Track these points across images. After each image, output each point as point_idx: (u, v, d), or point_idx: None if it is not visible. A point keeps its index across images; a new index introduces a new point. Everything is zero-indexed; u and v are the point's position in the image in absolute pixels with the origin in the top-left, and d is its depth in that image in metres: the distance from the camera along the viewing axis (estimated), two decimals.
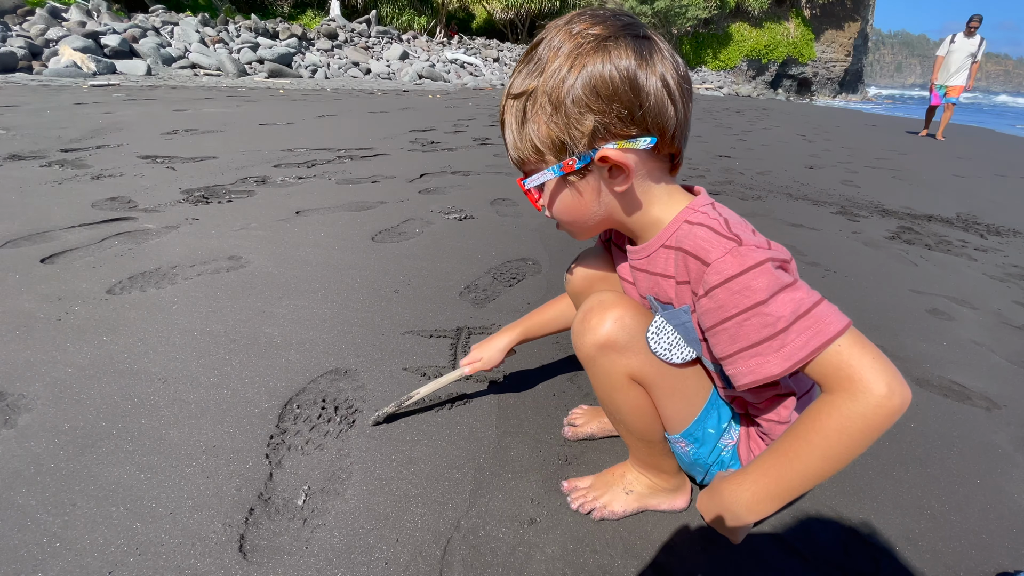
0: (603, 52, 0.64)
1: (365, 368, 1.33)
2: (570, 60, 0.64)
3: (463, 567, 0.84)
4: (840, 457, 0.64)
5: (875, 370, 0.61)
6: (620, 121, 0.65)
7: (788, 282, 0.64)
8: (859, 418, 0.61)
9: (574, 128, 0.66)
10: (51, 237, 1.97)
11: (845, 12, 32.99)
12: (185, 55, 10.56)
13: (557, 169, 0.70)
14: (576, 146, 0.67)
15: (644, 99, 0.65)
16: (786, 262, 0.68)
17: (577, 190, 0.72)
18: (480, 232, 2.38)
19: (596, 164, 0.69)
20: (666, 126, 0.67)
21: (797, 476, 0.67)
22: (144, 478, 0.95)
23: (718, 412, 0.86)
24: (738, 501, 0.72)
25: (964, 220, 3.38)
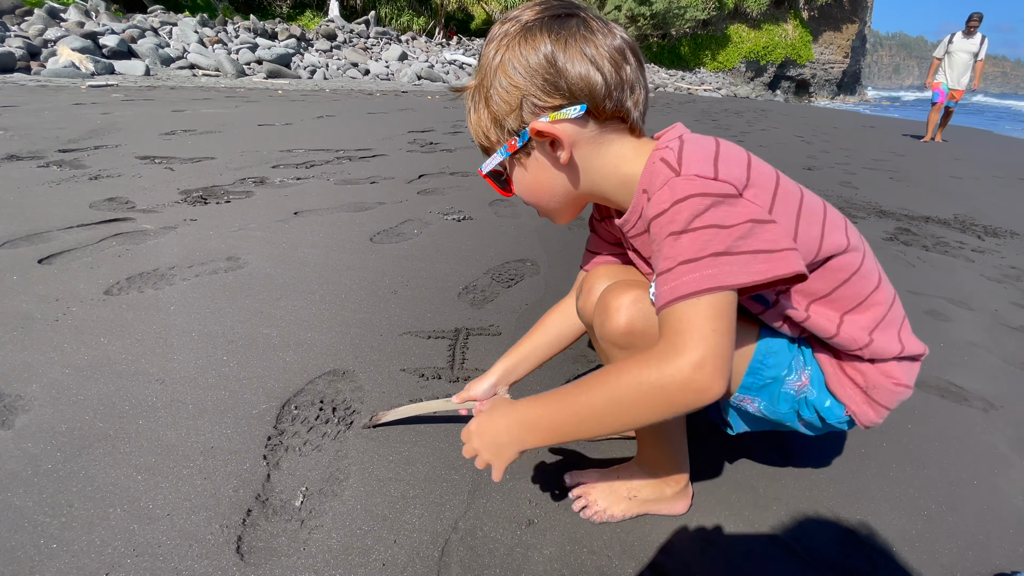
0: (523, 35, 0.70)
1: (363, 369, 1.33)
2: (497, 46, 0.72)
3: (461, 568, 0.84)
4: (624, 410, 0.62)
5: (704, 343, 0.58)
6: (544, 93, 0.70)
7: (709, 222, 0.62)
8: (659, 381, 0.59)
9: (504, 105, 0.72)
10: (49, 238, 1.97)
11: (843, 14, 33.07)
12: (184, 55, 10.55)
13: (503, 150, 0.76)
14: (507, 122, 0.73)
15: (563, 69, 0.69)
16: (730, 196, 0.64)
17: (525, 168, 0.77)
18: (479, 233, 2.38)
19: (535, 139, 0.73)
20: (595, 91, 0.70)
21: (576, 413, 0.65)
22: (141, 479, 0.95)
23: (775, 355, 0.80)
24: (505, 419, 0.70)
25: (962, 221, 3.39)
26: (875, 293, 0.78)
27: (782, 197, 0.71)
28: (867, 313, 0.78)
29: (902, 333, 0.81)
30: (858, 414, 0.82)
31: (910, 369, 0.81)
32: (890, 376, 0.79)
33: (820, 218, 0.74)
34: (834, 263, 0.75)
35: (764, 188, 0.70)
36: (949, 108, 8.06)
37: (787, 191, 0.72)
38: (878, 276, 0.79)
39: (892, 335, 0.80)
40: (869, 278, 0.78)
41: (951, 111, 8.18)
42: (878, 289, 0.78)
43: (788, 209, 0.71)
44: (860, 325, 0.78)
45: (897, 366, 0.80)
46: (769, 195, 0.70)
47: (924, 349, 0.83)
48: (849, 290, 0.76)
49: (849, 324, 0.77)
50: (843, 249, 0.75)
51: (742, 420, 0.90)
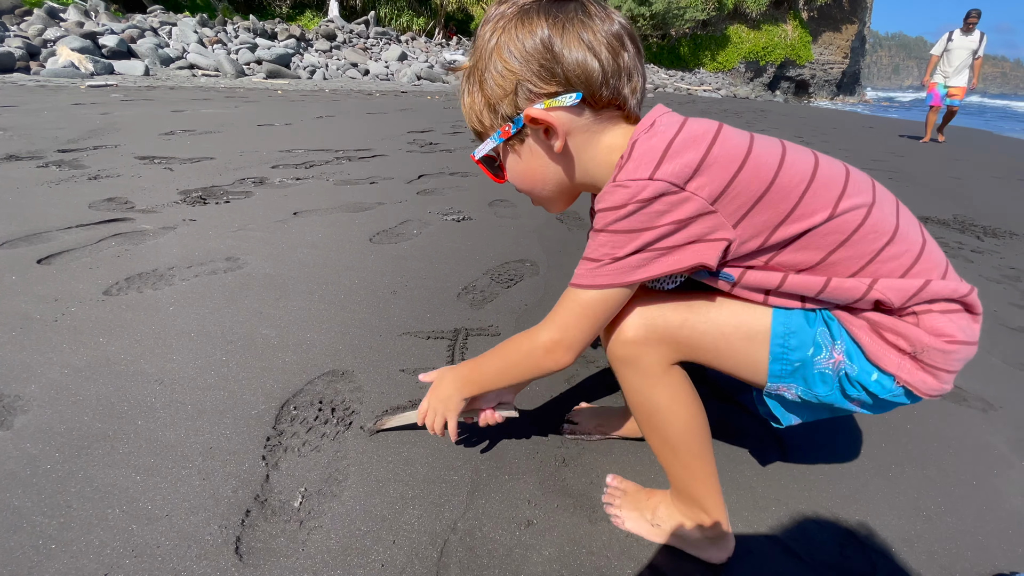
0: (519, 19, 0.69)
1: (362, 370, 1.33)
2: (492, 29, 0.71)
3: (460, 569, 0.84)
4: (513, 367, 0.84)
5: (559, 325, 0.76)
6: (539, 79, 0.69)
7: (626, 228, 0.68)
8: (529, 349, 0.80)
9: (499, 89, 0.72)
10: (48, 238, 1.97)
11: (842, 14, 33.10)
12: (183, 56, 10.55)
13: (497, 136, 0.75)
14: (502, 107, 0.72)
15: (560, 56, 0.68)
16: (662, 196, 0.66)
17: (518, 155, 0.77)
18: (478, 233, 2.38)
19: (529, 126, 0.73)
20: (591, 78, 0.69)
21: (490, 368, 0.87)
22: (140, 480, 0.95)
23: (795, 334, 0.75)
24: (449, 375, 0.92)
25: (961, 222, 3.39)
26: (889, 247, 0.71)
27: (745, 179, 0.68)
28: (879, 269, 0.71)
29: (930, 276, 0.72)
30: (915, 384, 0.72)
31: (962, 322, 0.71)
32: (939, 333, 0.70)
33: (798, 191, 0.69)
34: (818, 232, 0.70)
35: (719, 173, 0.67)
36: (952, 107, 7.71)
37: (756, 169, 0.68)
38: (892, 229, 0.72)
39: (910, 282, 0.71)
40: (877, 233, 0.71)
41: (955, 110, 7.80)
42: (892, 242, 0.71)
43: (748, 190, 0.68)
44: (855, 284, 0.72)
45: (945, 320, 0.71)
46: (724, 180, 0.67)
47: (967, 289, 0.72)
48: (846, 252, 0.71)
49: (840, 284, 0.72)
50: (826, 218, 0.69)
51: (789, 411, 0.83)
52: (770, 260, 0.73)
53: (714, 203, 0.68)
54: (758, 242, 0.71)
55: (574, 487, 1.02)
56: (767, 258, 0.73)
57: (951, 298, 0.71)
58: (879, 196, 0.74)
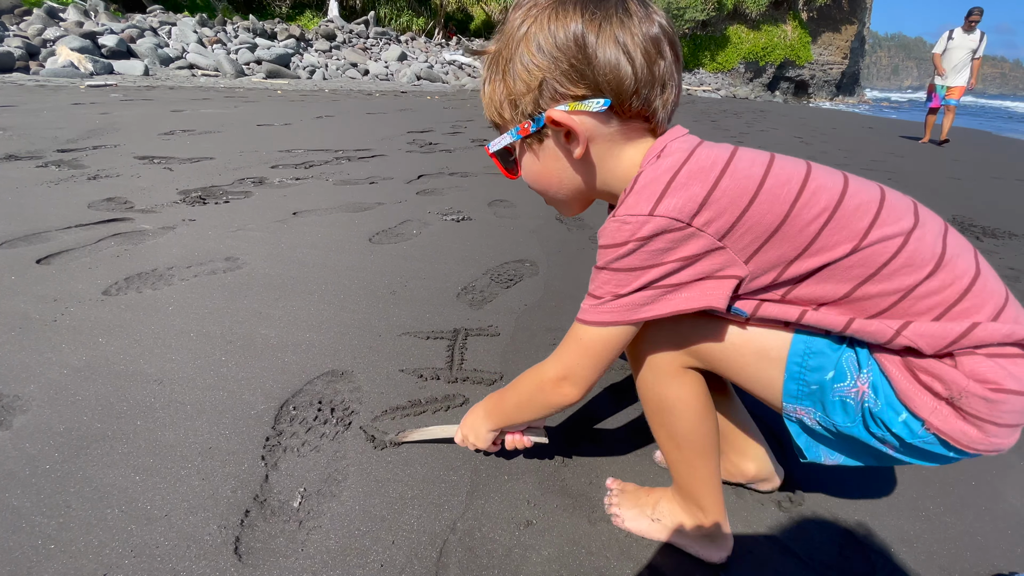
0: (554, 9, 0.64)
1: (362, 370, 1.33)
2: (523, 18, 0.66)
3: (459, 569, 0.84)
4: (527, 403, 0.84)
5: (564, 362, 0.75)
6: (567, 79, 0.65)
7: (626, 266, 0.66)
8: (538, 383, 0.80)
9: (521, 84, 0.67)
10: (47, 238, 1.97)
11: (842, 15, 33.11)
12: (183, 55, 10.55)
13: (515, 132, 0.71)
14: (523, 103, 0.68)
15: (592, 57, 0.63)
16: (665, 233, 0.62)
17: (535, 154, 0.74)
18: (478, 233, 2.38)
19: (551, 127, 0.69)
20: (621, 86, 0.64)
21: (507, 404, 0.88)
22: (139, 480, 0.95)
23: (816, 355, 0.69)
24: (478, 409, 0.94)
25: (960, 222, 3.40)
26: (929, 280, 0.62)
27: (758, 213, 0.62)
28: (912, 308, 0.63)
29: (977, 318, 0.62)
30: (950, 434, 0.62)
31: (1016, 368, 0.60)
32: (981, 379, 0.60)
33: (819, 222, 0.62)
34: (841, 265, 0.63)
35: (728, 207, 0.62)
36: (950, 106, 7.52)
37: (771, 202, 0.62)
38: (935, 259, 0.62)
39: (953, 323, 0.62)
40: (913, 266, 0.62)
41: (953, 108, 7.58)
42: (933, 275, 0.62)
43: (761, 224, 0.63)
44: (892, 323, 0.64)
45: (989, 364, 0.60)
46: (734, 214, 0.62)
47: None
48: (876, 287, 0.63)
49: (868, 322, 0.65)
50: (850, 250, 0.62)
51: (821, 444, 0.75)
52: (787, 294, 0.67)
53: (723, 239, 0.63)
54: (771, 277, 0.66)
55: (573, 487, 1.02)
56: (784, 292, 0.67)
57: (1004, 342, 0.61)
58: (922, 220, 0.65)
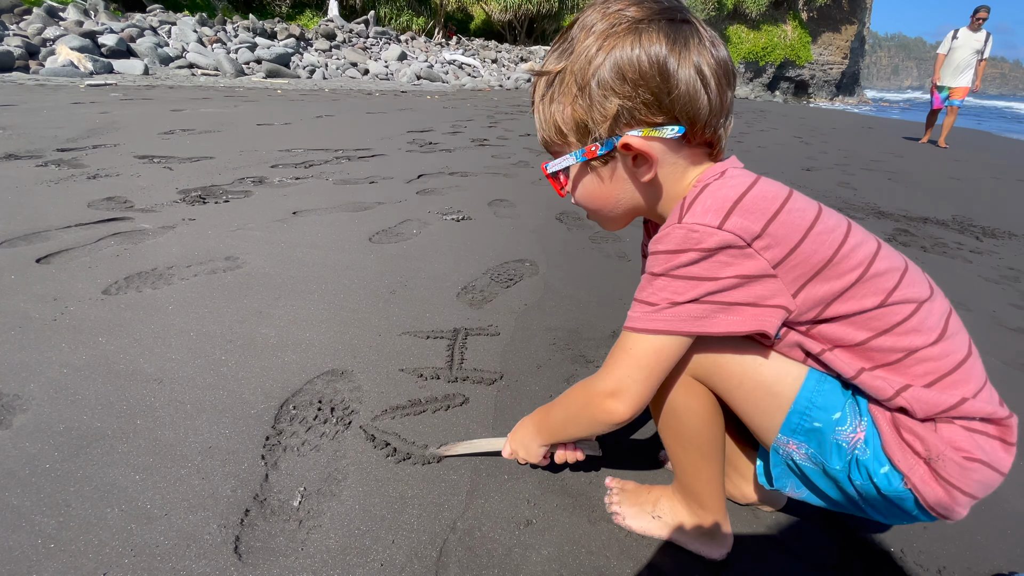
0: (634, 35, 0.62)
1: (362, 369, 1.33)
2: (600, 41, 0.63)
3: (459, 568, 0.84)
4: (575, 420, 0.80)
5: (615, 376, 0.70)
6: (646, 107, 0.64)
7: (689, 274, 0.65)
8: (587, 398, 0.75)
9: (597, 110, 0.65)
10: (47, 237, 1.96)
11: (842, 15, 33.11)
12: (183, 55, 10.54)
13: (580, 154, 0.69)
14: (598, 129, 0.66)
15: (673, 86, 0.63)
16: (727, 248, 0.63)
17: (599, 177, 0.71)
18: (478, 233, 2.38)
19: (620, 151, 0.67)
20: (697, 115, 0.65)
21: (555, 420, 0.85)
22: (139, 479, 0.95)
23: (826, 395, 0.72)
24: (527, 425, 0.92)
25: (960, 222, 3.40)
26: (930, 348, 0.67)
27: (808, 249, 0.65)
28: (911, 369, 0.68)
29: (965, 393, 0.67)
30: (922, 491, 0.67)
31: (986, 443, 0.67)
32: (956, 446, 0.66)
33: (857, 272, 0.66)
34: (867, 315, 0.67)
35: (784, 238, 0.65)
36: (953, 107, 7.29)
37: (820, 242, 0.66)
38: (938, 332, 0.68)
39: (945, 393, 0.67)
40: (921, 332, 0.67)
41: (955, 110, 7.34)
42: (934, 345, 0.67)
43: (810, 261, 0.66)
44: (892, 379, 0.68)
45: (965, 435, 0.66)
46: (788, 246, 0.65)
47: (1005, 414, 0.68)
48: (887, 341, 0.68)
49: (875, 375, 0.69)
50: (877, 304, 0.67)
51: (790, 476, 0.78)
52: (811, 329, 0.70)
53: (776, 267, 0.65)
54: (812, 314, 0.68)
55: (573, 487, 1.02)
56: (810, 327, 0.70)
57: (983, 419, 0.67)
58: (935, 295, 0.71)
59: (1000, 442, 0.68)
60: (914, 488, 0.67)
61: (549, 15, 23.91)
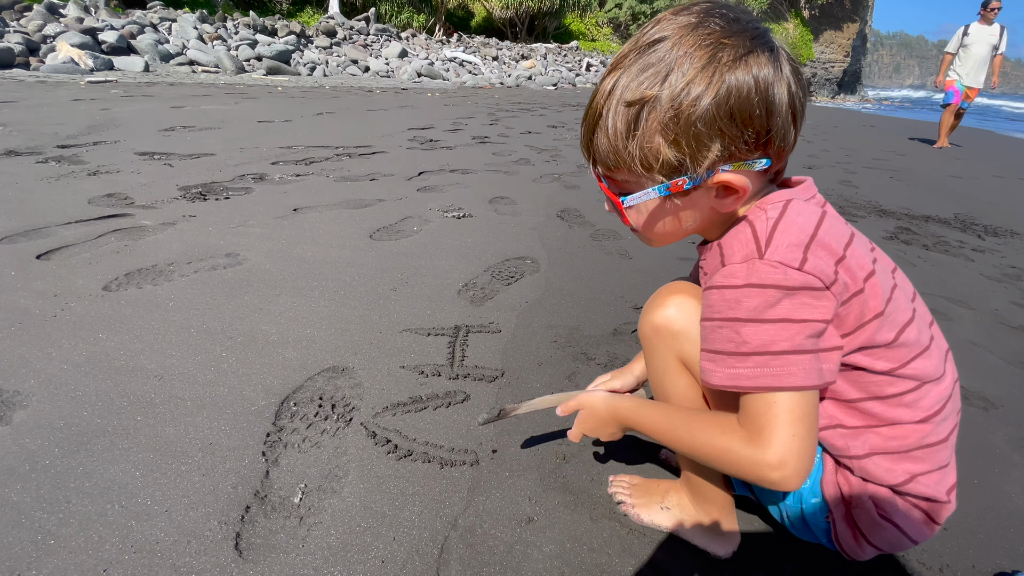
0: (743, 69, 0.57)
1: (363, 366, 1.32)
2: (706, 73, 0.57)
3: (460, 566, 0.84)
4: (702, 458, 0.69)
5: (783, 443, 0.60)
6: (747, 146, 0.60)
7: (780, 317, 0.59)
8: (737, 458, 0.63)
9: (699, 151, 0.59)
10: (47, 233, 1.96)
11: (844, 13, 33.04)
12: (183, 52, 10.52)
13: (664, 189, 0.63)
14: (696, 169, 0.61)
15: (774, 124, 0.60)
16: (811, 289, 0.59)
17: (678, 207, 0.66)
18: (478, 230, 2.38)
19: (707, 184, 0.63)
20: (785, 148, 0.63)
21: (662, 435, 0.74)
22: (140, 475, 0.95)
23: None
24: (608, 414, 0.82)
25: (962, 221, 3.39)
26: (912, 425, 0.68)
27: (869, 295, 0.63)
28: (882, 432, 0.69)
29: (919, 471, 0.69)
30: (838, 529, 0.73)
31: (912, 513, 0.69)
32: (877, 503, 0.69)
33: (887, 336, 0.65)
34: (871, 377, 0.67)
35: (851, 283, 0.62)
36: (961, 109, 6.92)
37: (875, 289, 0.64)
38: (930, 413, 0.68)
39: (898, 466, 0.69)
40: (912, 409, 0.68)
41: (962, 112, 6.98)
42: (921, 423, 0.68)
43: (868, 308, 0.64)
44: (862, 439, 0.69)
45: (890, 498, 0.69)
46: (851, 291, 0.63)
47: (944, 499, 0.69)
48: (877, 408, 0.68)
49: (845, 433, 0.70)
50: (886, 370, 0.67)
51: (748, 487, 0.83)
52: None
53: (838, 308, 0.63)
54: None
55: (575, 484, 1.02)
56: None
57: (924, 496, 0.69)
58: (945, 376, 0.70)
59: (925, 517, 0.70)
60: (832, 523, 0.73)
61: (550, 12, 23.86)
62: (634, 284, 1.95)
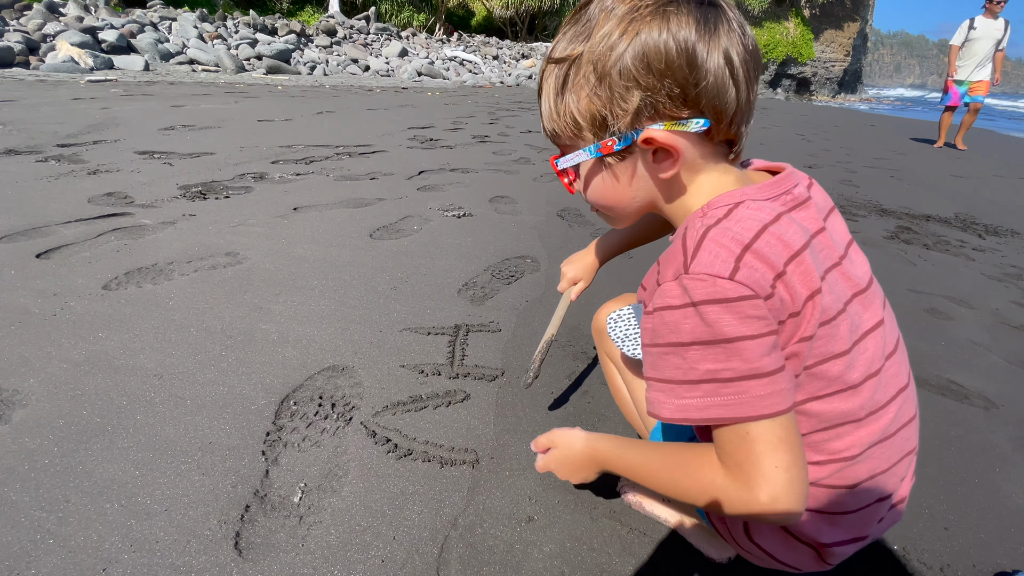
0: (661, 19, 0.55)
1: (363, 365, 1.32)
2: (623, 25, 0.56)
3: (460, 565, 0.83)
4: (687, 498, 0.61)
5: (767, 478, 0.53)
6: (671, 100, 0.57)
7: (721, 337, 0.53)
8: (728, 501, 0.56)
9: (618, 104, 0.58)
10: (47, 232, 1.96)
11: (844, 12, 32.99)
12: (183, 51, 10.52)
13: (594, 149, 0.62)
14: (618, 124, 0.59)
15: (701, 77, 0.56)
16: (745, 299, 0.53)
17: (614, 173, 0.64)
18: (479, 230, 2.37)
19: (639, 145, 0.60)
20: (724, 109, 0.58)
21: (641, 476, 0.66)
22: (139, 474, 0.95)
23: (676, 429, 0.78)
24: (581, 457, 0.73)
25: (962, 220, 3.39)
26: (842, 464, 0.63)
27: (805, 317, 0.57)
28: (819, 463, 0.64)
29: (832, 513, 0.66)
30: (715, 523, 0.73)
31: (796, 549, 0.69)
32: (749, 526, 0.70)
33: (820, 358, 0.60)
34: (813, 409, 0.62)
35: (789, 301, 0.56)
36: (975, 103, 6.57)
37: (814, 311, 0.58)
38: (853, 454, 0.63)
39: None
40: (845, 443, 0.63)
41: (978, 107, 6.61)
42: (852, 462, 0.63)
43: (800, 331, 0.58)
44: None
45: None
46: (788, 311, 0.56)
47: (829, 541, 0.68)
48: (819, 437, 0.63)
49: None
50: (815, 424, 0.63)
51: None
52: None
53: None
54: None
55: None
56: None
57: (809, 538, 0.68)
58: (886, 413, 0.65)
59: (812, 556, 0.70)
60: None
61: (551, 11, 23.84)
62: (634, 284, 1.95)
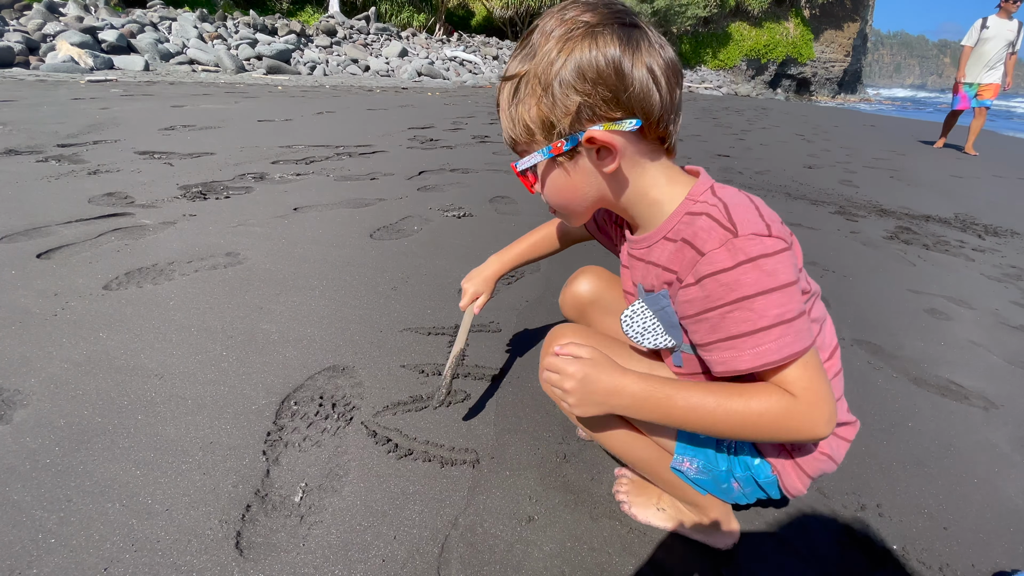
0: (591, 39, 0.66)
1: (363, 365, 1.32)
2: (560, 44, 0.67)
3: (461, 564, 0.84)
4: (735, 431, 0.68)
5: (827, 397, 0.66)
6: (605, 103, 0.68)
7: (780, 283, 0.64)
8: (794, 417, 0.65)
9: (560, 107, 0.69)
10: (47, 232, 1.96)
11: (844, 12, 33.00)
12: (183, 51, 10.51)
13: (547, 151, 0.72)
14: (562, 124, 0.70)
15: (628, 84, 0.67)
16: (784, 249, 0.66)
17: (566, 171, 0.74)
18: (479, 230, 2.38)
19: (584, 145, 0.71)
20: (651, 110, 0.69)
21: (682, 416, 0.70)
22: (140, 474, 0.95)
23: None
24: (610, 382, 0.72)
25: (962, 220, 3.39)
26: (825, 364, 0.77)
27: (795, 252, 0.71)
28: None
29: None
30: (783, 479, 0.81)
31: (836, 443, 0.81)
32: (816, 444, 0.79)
33: None
34: None
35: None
36: (983, 107, 6.36)
37: (796, 249, 0.72)
38: (831, 350, 0.80)
39: None
40: (823, 348, 0.78)
41: (985, 111, 6.40)
42: (830, 360, 0.79)
43: None
44: None
45: None
46: None
47: (853, 420, 0.84)
48: None
49: None
50: None
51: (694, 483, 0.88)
52: None
53: None
54: None
55: (575, 483, 1.02)
56: None
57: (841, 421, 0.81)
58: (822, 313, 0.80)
59: (845, 442, 0.82)
60: (779, 477, 0.80)
61: None
62: None
